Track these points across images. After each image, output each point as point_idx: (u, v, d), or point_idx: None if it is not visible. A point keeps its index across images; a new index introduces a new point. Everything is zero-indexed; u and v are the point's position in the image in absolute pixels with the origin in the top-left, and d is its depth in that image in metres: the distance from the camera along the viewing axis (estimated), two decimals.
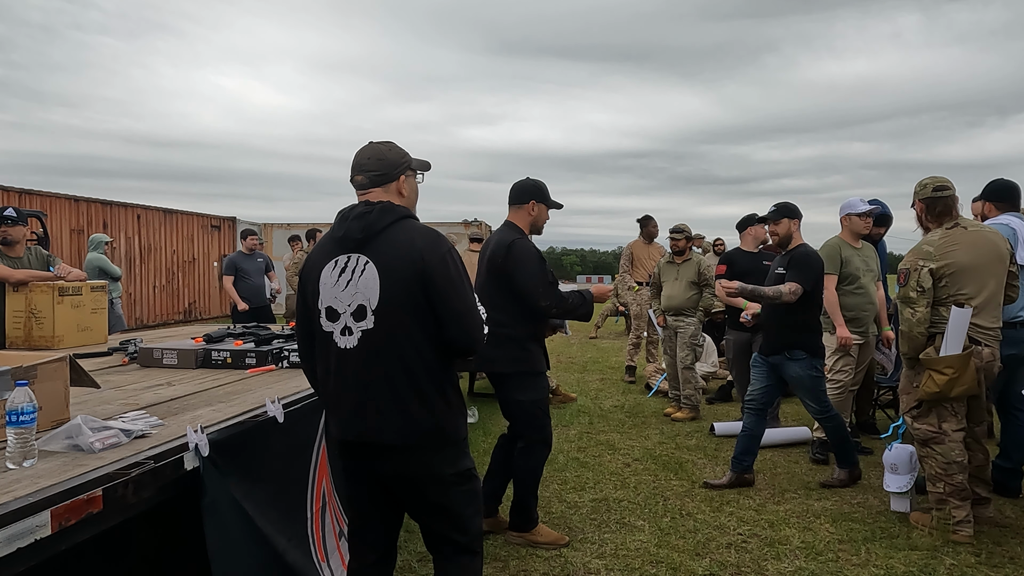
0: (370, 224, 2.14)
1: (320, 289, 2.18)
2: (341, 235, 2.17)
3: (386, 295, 2.09)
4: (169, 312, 15.80)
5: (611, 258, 46.35)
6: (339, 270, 2.15)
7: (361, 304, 2.11)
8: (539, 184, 3.72)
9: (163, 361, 3.67)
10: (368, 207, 2.17)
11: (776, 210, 4.46)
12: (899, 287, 3.71)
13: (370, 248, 2.13)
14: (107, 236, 8.87)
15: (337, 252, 2.17)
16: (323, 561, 2.58)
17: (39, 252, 4.92)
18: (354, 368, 2.13)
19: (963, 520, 3.62)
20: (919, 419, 3.71)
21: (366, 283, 2.11)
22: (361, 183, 2.24)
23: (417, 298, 2.10)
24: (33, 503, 1.63)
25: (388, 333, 2.10)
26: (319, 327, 2.18)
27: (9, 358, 2.40)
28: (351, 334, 2.12)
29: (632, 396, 7.53)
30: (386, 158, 2.24)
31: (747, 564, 3.40)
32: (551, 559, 3.46)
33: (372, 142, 2.29)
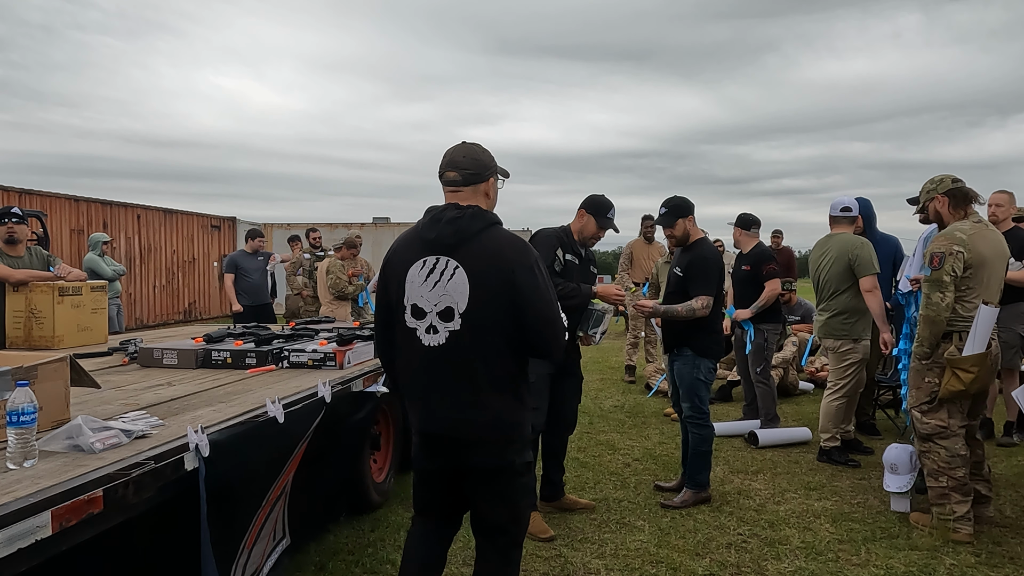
0: (462, 230, 2.22)
1: (406, 286, 2.28)
2: (433, 237, 2.25)
3: (474, 300, 2.20)
4: (169, 312, 15.80)
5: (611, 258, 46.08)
6: (427, 270, 2.25)
7: (449, 306, 2.22)
8: (600, 200, 3.90)
9: (163, 361, 3.67)
10: (459, 211, 2.25)
11: (668, 212, 4.20)
12: (931, 270, 3.60)
13: (460, 253, 2.22)
14: (106, 235, 8.86)
15: (426, 253, 2.26)
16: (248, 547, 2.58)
17: (39, 252, 4.92)
18: (439, 366, 2.25)
19: (964, 516, 3.62)
20: (928, 414, 3.69)
21: (455, 287, 2.21)
22: (453, 180, 2.32)
23: (503, 305, 2.21)
24: (34, 503, 1.63)
25: (474, 336, 2.21)
26: (402, 322, 2.30)
27: (9, 358, 2.41)
28: (437, 333, 2.24)
29: (632, 396, 7.53)
30: (480, 159, 2.35)
31: (747, 564, 3.40)
32: (551, 559, 3.46)
33: (465, 142, 2.39)
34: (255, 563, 2.72)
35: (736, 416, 6.28)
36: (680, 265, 4.19)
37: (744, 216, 5.85)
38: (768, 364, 5.77)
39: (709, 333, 4.11)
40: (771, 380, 5.77)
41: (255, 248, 8.38)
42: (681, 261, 4.21)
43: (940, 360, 3.62)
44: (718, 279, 4.12)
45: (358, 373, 3.48)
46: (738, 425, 5.89)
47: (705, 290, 4.02)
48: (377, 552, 3.46)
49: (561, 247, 3.79)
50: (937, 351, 3.64)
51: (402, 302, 2.29)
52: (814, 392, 7.62)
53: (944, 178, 3.76)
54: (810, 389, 7.71)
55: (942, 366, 3.61)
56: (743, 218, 5.83)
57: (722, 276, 4.18)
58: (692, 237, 4.21)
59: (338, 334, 4.05)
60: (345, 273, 7.75)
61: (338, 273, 7.67)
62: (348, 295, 7.71)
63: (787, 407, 6.67)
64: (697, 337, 4.10)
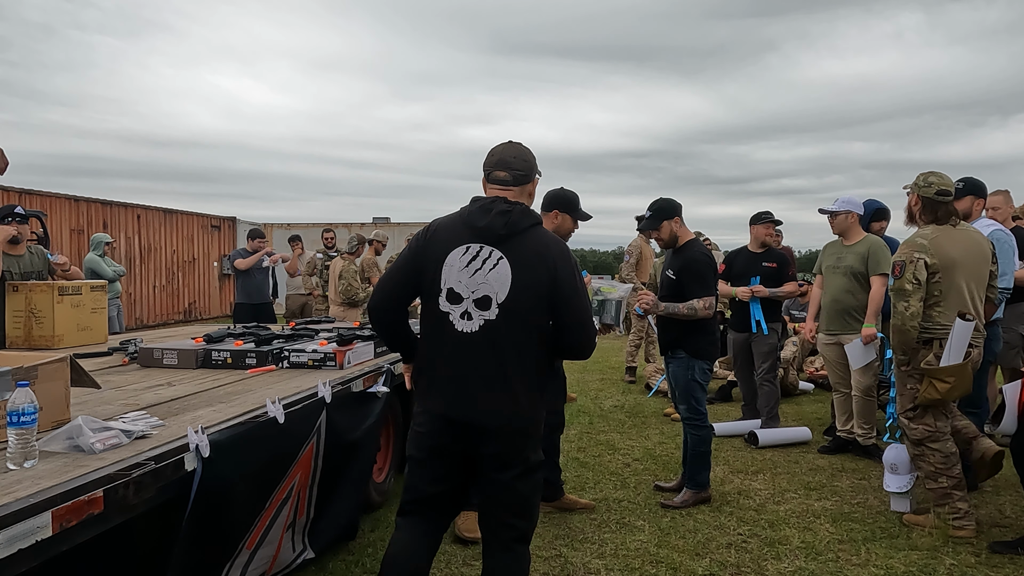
0: (513, 223, 2.26)
1: (444, 269, 2.29)
2: (483, 225, 2.27)
3: (515, 293, 2.24)
4: (169, 312, 15.80)
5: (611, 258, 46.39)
6: (470, 257, 2.27)
7: (487, 295, 2.25)
8: (566, 195, 3.77)
9: (163, 361, 3.67)
10: (509, 205, 2.30)
11: (652, 215, 4.16)
12: (893, 279, 3.66)
13: (507, 246, 2.27)
14: (109, 236, 8.88)
15: (471, 240, 2.28)
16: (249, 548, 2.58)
17: (40, 251, 4.92)
18: (471, 353, 2.26)
19: (967, 513, 3.64)
20: (915, 420, 3.71)
21: (498, 277, 2.25)
22: (504, 179, 2.37)
23: (541, 301, 2.27)
24: (34, 504, 1.63)
25: (509, 327, 2.25)
26: (435, 305, 2.30)
27: (9, 358, 2.41)
28: (471, 319, 2.26)
29: (632, 396, 7.53)
30: (529, 160, 2.42)
31: (747, 564, 3.40)
32: (551, 559, 3.46)
33: (512, 141, 2.45)
34: (260, 568, 2.71)
35: (736, 416, 6.28)
36: (673, 268, 4.15)
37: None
38: (776, 364, 5.76)
39: (703, 335, 4.10)
40: (776, 380, 5.77)
41: (255, 248, 8.41)
42: (673, 264, 4.16)
43: (919, 367, 3.64)
44: (714, 279, 4.11)
45: (358, 373, 3.48)
46: (738, 425, 5.89)
47: (704, 291, 4.01)
48: (377, 552, 3.46)
49: None
50: (916, 357, 3.65)
51: (438, 284, 2.30)
52: (814, 392, 7.62)
53: (933, 183, 3.72)
54: (810, 389, 7.71)
55: (922, 373, 3.63)
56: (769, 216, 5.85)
57: (714, 276, 4.17)
58: (682, 239, 4.17)
59: (338, 334, 4.05)
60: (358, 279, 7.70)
61: (350, 280, 7.64)
62: (359, 302, 7.65)
63: (787, 407, 6.66)
64: (691, 339, 4.08)
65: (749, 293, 5.58)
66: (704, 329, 4.09)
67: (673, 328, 4.11)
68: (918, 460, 3.77)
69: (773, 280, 5.65)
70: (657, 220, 4.14)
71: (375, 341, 3.95)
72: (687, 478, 4.24)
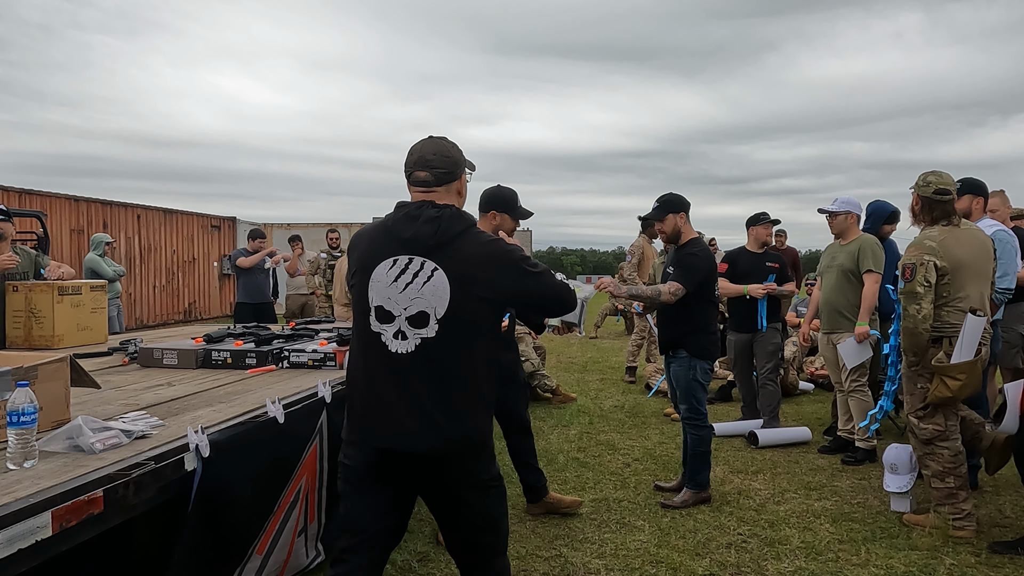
0: (443, 230, 2.06)
1: (371, 286, 2.09)
2: (409, 236, 2.07)
3: (456, 305, 2.03)
4: (169, 312, 15.80)
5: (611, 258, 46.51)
6: (398, 270, 2.07)
7: (423, 311, 2.04)
8: (503, 193, 3.64)
9: (163, 361, 3.66)
10: (438, 210, 2.08)
11: (659, 207, 4.16)
12: (903, 282, 3.63)
13: (440, 255, 2.05)
14: (109, 236, 8.88)
15: (399, 251, 2.08)
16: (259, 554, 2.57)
17: (27, 253, 4.86)
18: (407, 375, 2.05)
19: (969, 514, 3.64)
20: (925, 419, 3.69)
21: (433, 290, 2.04)
22: (425, 180, 2.15)
23: (487, 308, 2.09)
24: (34, 504, 1.63)
25: (450, 343, 2.04)
26: (365, 325, 2.10)
27: (9, 358, 2.40)
28: (405, 339, 2.05)
29: (632, 396, 7.53)
30: (451, 155, 2.19)
31: (747, 564, 3.40)
32: (551, 559, 3.46)
33: (433, 137, 2.23)
34: (272, 573, 2.70)
35: (736, 416, 6.28)
36: (673, 264, 4.13)
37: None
38: (779, 364, 5.78)
39: (705, 334, 4.08)
40: (778, 380, 5.78)
41: (256, 248, 8.42)
42: (673, 260, 4.15)
43: (929, 366, 3.63)
44: (705, 278, 4.04)
45: None
46: (738, 425, 5.90)
47: (682, 280, 3.97)
48: None
49: None
50: (926, 357, 3.64)
51: (366, 302, 2.10)
52: (814, 392, 7.62)
53: (932, 182, 3.71)
54: (810, 389, 7.71)
55: (931, 372, 3.62)
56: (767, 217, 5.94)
57: (712, 276, 4.12)
58: (685, 236, 4.15)
59: (338, 334, 4.05)
60: None
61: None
62: None
63: (787, 407, 6.66)
64: (692, 338, 4.06)
65: (763, 292, 5.61)
66: (706, 328, 4.08)
67: (675, 327, 4.09)
68: (926, 459, 3.75)
69: (776, 280, 5.73)
70: (663, 212, 4.13)
71: None
72: (687, 478, 4.23)
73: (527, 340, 7.05)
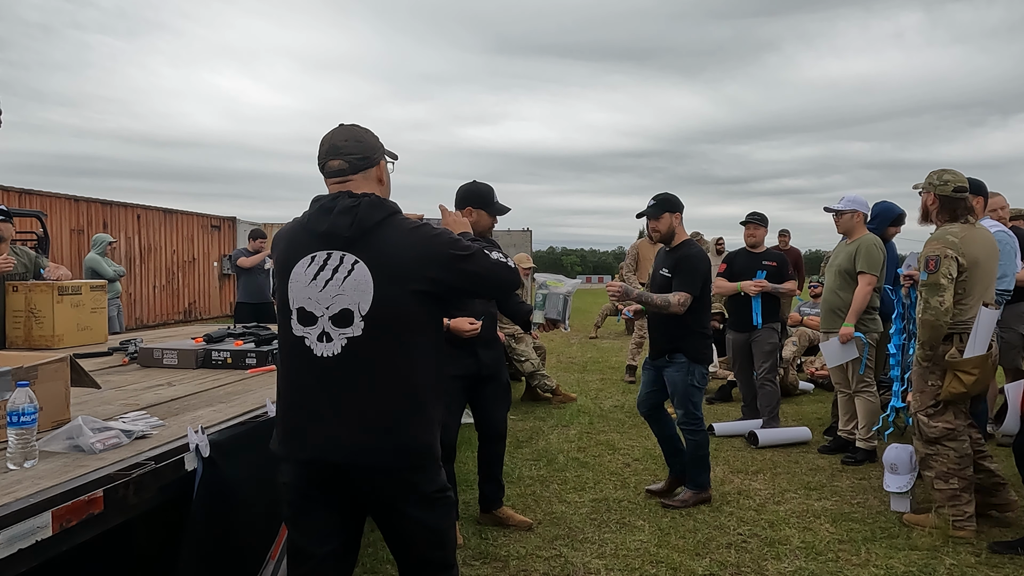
0: (360, 220, 1.90)
1: (290, 287, 1.95)
2: (324, 230, 1.92)
3: (382, 298, 1.87)
4: (169, 312, 15.80)
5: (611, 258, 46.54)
6: (317, 267, 1.92)
7: (346, 308, 1.88)
8: (479, 189, 3.60)
9: (163, 361, 3.67)
10: (354, 200, 1.93)
11: (656, 204, 4.09)
12: (927, 274, 3.59)
13: (360, 247, 1.90)
14: (110, 237, 8.89)
15: (317, 247, 1.93)
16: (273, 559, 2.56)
17: (27, 253, 4.88)
18: (334, 380, 1.89)
19: (971, 515, 3.63)
20: (935, 417, 3.66)
21: (355, 285, 1.88)
22: (339, 168, 1.99)
23: (418, 303, 1.91)
24: (34, 504, 1.63)
25: (380, 341, 1.88)
26: (288, 329, 1.95)
27: (9, 358, 2.41)
28: (330, 341, 1.89)
29: (632, 396, 7.53)
30: (365, 140, 2.03)
31: (747, 564, 3.40)
32: (551, 559, 3.46)
33: (344, 124, 2.06)
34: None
35: (736, 416, 6.28)
36: (667, 266, 4.07)
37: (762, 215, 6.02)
38: (776, 364, 5.78)
39: (702, 338, 4.05)
40: (777, 380, 5.79)
41: (257, 248, 8.44)
42: (667, 262, 4.09)
43: (941, 363, 3.61)
44: (704, 281, 4.01)
45: None
46: (738, 425, 5.90)
47: (687, 287, 3.92)
48: (377, 552, 3.47)
49: None
50: (937, 353, 3.64)
51: (287, 305, 1.95)
52: (814, 392, 7.62)
53: (949, 180, 3.71)
54: (810, 389, 7.71)
55: (944, 368, 3.60)
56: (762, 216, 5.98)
57: (708, 278, 4.08)
58: (678, 238, 4.11)
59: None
60: None
61: None
62: None
63: (787, 407, 6.66)
64: (691, 342, 4.01)
65: (754, 287, 5.63)
66: (703, 332, 4.06)
67: (673, 331, 4.02)
68: (930, 460, 3.71)
69: (773, 279, 5.71)
70: (660, 210, 4.07)
71: None
72: (688, 479, 4.21)
73: (527, 340, 7.05)
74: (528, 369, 6.96)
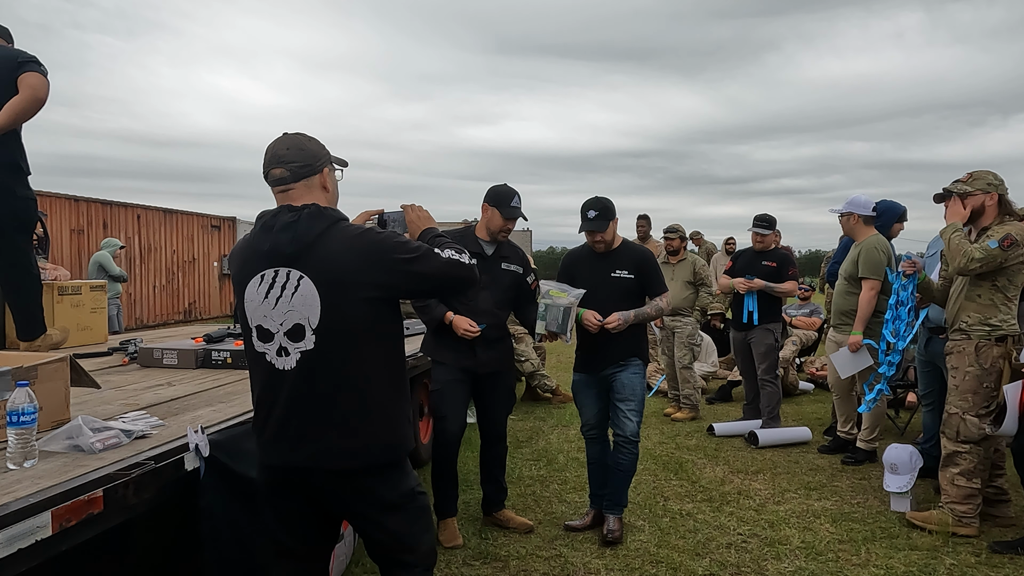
0: (300, 235, 1.91)
1: (246, 306, 1.99)
2: (268, 248, 1.94)
3: (329, 312, 1.90)
4: (169, 312, 15.80)
5: None
6: (267, 286, 1.95)
7: (298, 323, 1.91)
8: (498, 189, 3.63)
9: (163, 361, 3.67)
10: (293, 214, 1.94)
11: (600, 215, 3.67)
12: (997, 245, 3.53)
13: (303, 262, 1.91)
14: (120, 242, 8.93)
15: (264, 266, 1.95)
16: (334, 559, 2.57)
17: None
18: (294, 391, 1.94)
19: (978, 515, 3.66)
20: (984, 419, 3.62)
21: (303, 300, 1.91)
22: (281, 177, 1.99)
23: (369, 310, 1.93)
24: (34, 504, 1.63)
25: (332, 352, 1.92)
26: (251, 345, 2.01)
27: (9, 358, 2.41)
28: (288, 355, 1.93)
29: None
30: (307, 148, 2.02)
31: (747, 564, 3.40)
32: (551, 559, 3.46)
33: (287, 133, 2.07)
34: None
35: (736, 416, 6.28)
36: (625, 269, 3.71)
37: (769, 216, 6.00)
38: (775, 363, 5.79)
39: (646, 340, 3.85)
40: (778, 380, 5.79)
41: None
42: (621, 263, 3.72)
43: (998, 365, 3.58)
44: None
45: None
46: (738, 425, 5.90)
47: (662, 285, 3.78)
48: None
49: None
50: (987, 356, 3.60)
51: (247, 323, 2.00)
52: (814, 392, 7.62)
53: (1002, 180, 3.72)
54: (810, 389, 7.71)
55: (999, 371, 3.58)
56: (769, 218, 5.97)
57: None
58: (616, 240, 3.80)
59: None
60: None
61: None
62: None
63: (787, 407, 6.66)
64: (643, 345, 3.79)
65: (744, 285, 5.70)
66: (645, 334, 3.86)
67: (631, 335, 3.70)
68: (958, 457, 3.66)
69: (771, 278, 5.73)
70: (606, 220, 3.68)
71: None
72: (615, 503, 3.78)
73: (528, 340, 7.05)
74: (528, 369, 6.97)
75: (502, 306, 3.67)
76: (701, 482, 4.60)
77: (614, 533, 3.66)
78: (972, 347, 3.65)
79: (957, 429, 3.69)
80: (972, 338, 3.66)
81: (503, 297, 3.66)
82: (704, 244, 11.41)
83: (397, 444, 2.03)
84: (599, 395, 3.81)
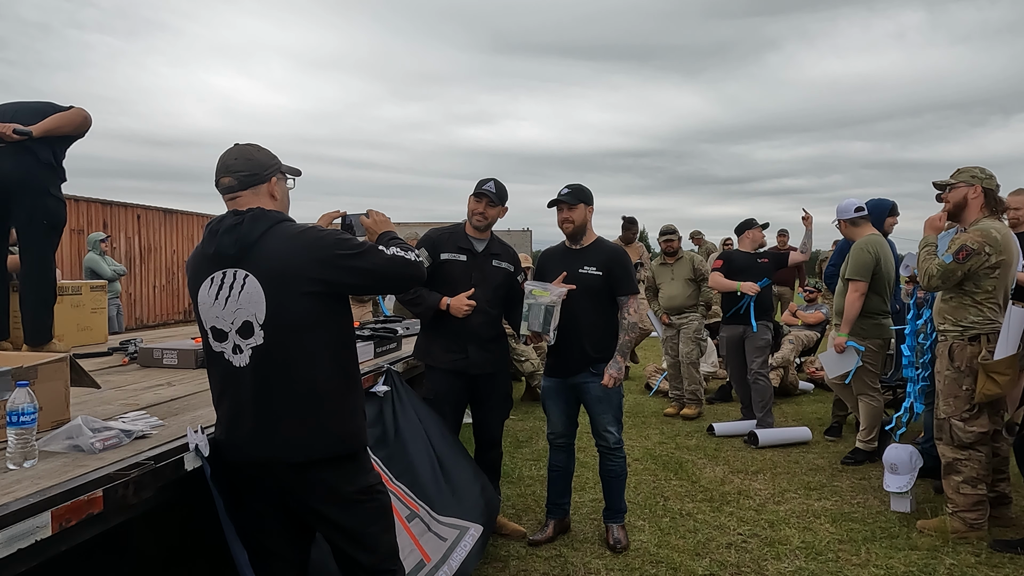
0: (243, 236, 2.00)
1: (200, 309, 2.09)
2: (214, 251, 2.03)
3: (274, 307, 1.98)
4: (169, 312, 15.80)
5: None
6: (216, 288, 2.04)
7: (246, 320, 2.00)
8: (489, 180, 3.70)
9: (163, 361, 3.66)
10: (238, 217, 2.03)
11: (571, 192, 3.61)
12: (951, 258, 3.51)
13: (247, 261, 2.00)
14: (102, 234, 8.86)
15: (212, 269, 2.05)
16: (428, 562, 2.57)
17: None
18: (248, 386, 2.03)
19: (986, 520, 3.64)
20: (970, 422, 3.59)
21: (249, 298, 1.99)
22: (229, 185, 2.09)
23: (313, 305, 2.00)
24: (34, 504, 1.62)
25: (280, 346, 2.00)
26: (208, 345, 2.09)
27: (9, 358, 2.40)
28: (241, 352, 2.02)
29: (632, 396, 7.53)
30: (255, 158, 2.12)
31: (747, 564, 3.40)
32: (551, 559, 3.46)
33: (238, 143, 2.16)
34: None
35: (736, 416, 6.29)
36: (594, 266, 3.58)
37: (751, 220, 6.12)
38: (767, 359, 5.83)
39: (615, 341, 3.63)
40: (768, 375, 5.83)
41: None
42: (590, 260, 3.60)
43: (973, 366, 3.56)
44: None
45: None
46: (738, 425, 5.90)
47: (634, 287, 3.62)
48: None
49: (433, 246, 3.58)
50: (964, 356, 3.59)
51: (202, 325, 2.10)
52: (814, 392, 7.62)
53: (991, 175, 3.69)
54: (810, 389, 7.71)
55: (975, 371, 3.55)
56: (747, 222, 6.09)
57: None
58: (590, 236, 3.68)
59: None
60: None
61: None
62: (366, 299, 7.67)
63: (787, 407, 6.67)
64: (614, 346, 3.60)
65: (755, 289, 5.73)
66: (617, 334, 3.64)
67: (606, 341, 3.58)
68: (959, 465, 3.63)
69: (771, 274, 5.92)
70: (576, 198, 3.59)
71: (374, 341, 3.95)
72: (615, 511, 3.72)
73: None
74: (528, 369, 6.96)
75: (493, 304, 3.62)
76: (701, 482, 4.60)
77: (620, 543, 3.60)
78: (947, 349, 3.66)
79: (950, 435, 3.68)
80: (948, 339, 3.66)
81: (494, 295, 3.62)
82: (704, 244, 11.41)
83: (349, 435, 2.09)
84: (568, 403, 3.70)
